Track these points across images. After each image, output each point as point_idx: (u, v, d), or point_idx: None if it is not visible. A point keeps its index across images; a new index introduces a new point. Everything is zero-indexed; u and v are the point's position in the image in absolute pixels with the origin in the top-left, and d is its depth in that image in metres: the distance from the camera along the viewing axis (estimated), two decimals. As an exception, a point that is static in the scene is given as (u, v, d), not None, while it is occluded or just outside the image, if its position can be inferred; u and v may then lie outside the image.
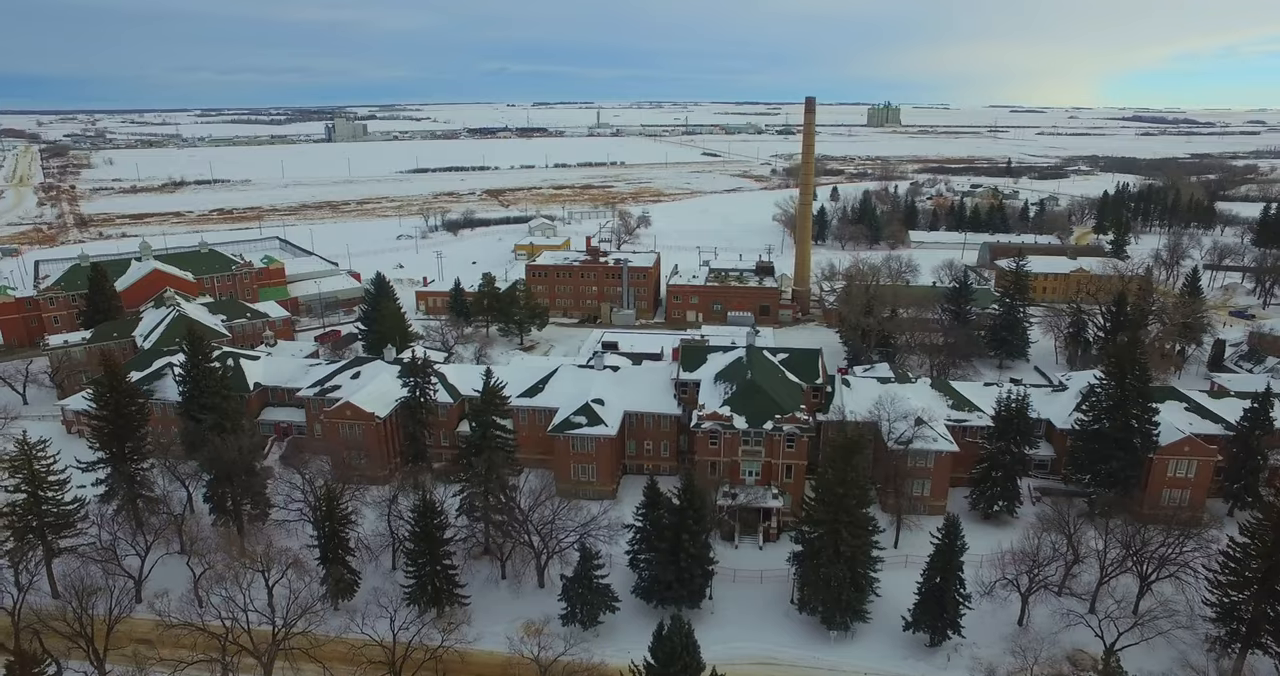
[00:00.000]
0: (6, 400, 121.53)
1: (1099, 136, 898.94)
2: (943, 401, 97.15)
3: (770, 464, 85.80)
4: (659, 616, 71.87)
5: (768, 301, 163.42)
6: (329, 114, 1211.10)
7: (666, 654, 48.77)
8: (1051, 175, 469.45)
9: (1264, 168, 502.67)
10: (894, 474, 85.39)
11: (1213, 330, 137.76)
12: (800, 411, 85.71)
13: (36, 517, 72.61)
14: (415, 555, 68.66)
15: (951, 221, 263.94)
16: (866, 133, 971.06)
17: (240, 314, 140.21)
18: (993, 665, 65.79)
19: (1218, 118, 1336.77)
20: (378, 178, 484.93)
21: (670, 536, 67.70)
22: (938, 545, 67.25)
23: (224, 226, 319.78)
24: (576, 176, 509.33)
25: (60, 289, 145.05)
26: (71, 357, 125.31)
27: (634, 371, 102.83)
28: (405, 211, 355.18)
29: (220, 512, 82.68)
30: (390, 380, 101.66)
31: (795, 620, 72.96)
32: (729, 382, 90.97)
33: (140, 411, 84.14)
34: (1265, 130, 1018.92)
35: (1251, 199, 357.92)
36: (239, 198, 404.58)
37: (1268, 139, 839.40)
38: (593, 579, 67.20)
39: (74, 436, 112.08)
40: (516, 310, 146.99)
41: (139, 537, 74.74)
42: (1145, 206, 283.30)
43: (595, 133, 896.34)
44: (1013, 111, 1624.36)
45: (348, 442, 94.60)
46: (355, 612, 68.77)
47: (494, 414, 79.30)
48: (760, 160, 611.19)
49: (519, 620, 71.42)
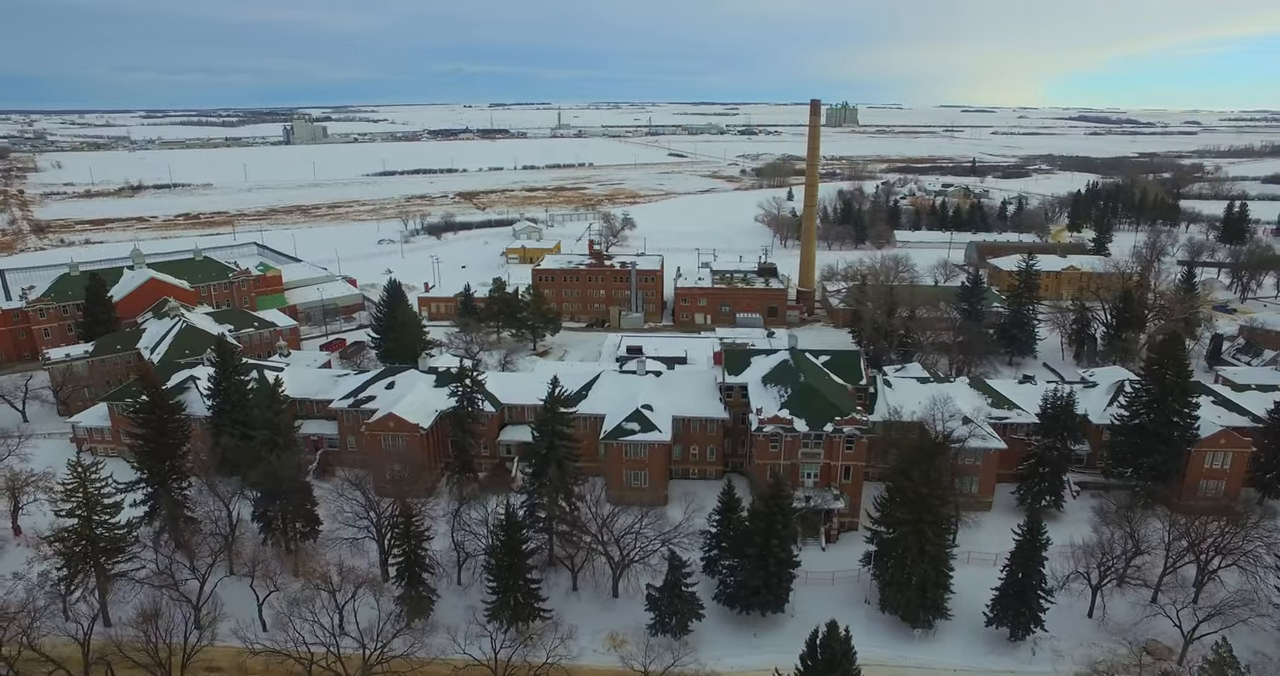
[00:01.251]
0: (5, 418, 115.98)
1: (1050, 136, 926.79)
2: (982, 400, 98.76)
3: (829, 465, 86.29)
4: (743, 622, 72.21)
5: (775, 302, 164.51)
6: (282, 115, 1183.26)
7: (826, 660, 48.53)
8: (1014, 174, 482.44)
9: (1209, 167, 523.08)
10: (945, 472, 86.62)
11: (1209, 325, 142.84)
12: (858, 412, 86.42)
13: (90, 543, 69.19)
14: (498, 570, 67.22)
15: (933, 221, 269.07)
16: (827, 132, 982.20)
17: (247, 323, 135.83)
18: (1076, 657, 67.29)
19: (1156, 118, 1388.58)
20: (344, 181, 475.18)
21: (760, 541, 67.54)
22: (1019, 540, 68.45)
23: (193, 232, 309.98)
24: (547, 178, 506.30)
25: (50, 300, 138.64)
26: (74, 372, 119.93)
27: (677, 376, 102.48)
28: (379, 215, 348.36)
29: (270, 531, 79.87)
30: (427, 389, 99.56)
31: (874, 620, 73.46)
32: (781, 386, 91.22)
33: (182, 429, 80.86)
34: (1201, 130, 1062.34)
35: (1205, 197, 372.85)
36: (202, 202, 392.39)
37: (1205, 139, 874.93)
38: (682, 587, 66.66)
39: (85, 454, 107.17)
40: (530, 315, 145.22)
41: (197, 560, 71.82)
42: (1114, 205, 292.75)
43: (558, 134, 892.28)
44: (964, 111, 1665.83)
45: (390, 455, 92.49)
46: (432, 632, 67.35)
47: (559, 422, 78.10)
48: (728, 161, 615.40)
49: (600, 632, 70.61)
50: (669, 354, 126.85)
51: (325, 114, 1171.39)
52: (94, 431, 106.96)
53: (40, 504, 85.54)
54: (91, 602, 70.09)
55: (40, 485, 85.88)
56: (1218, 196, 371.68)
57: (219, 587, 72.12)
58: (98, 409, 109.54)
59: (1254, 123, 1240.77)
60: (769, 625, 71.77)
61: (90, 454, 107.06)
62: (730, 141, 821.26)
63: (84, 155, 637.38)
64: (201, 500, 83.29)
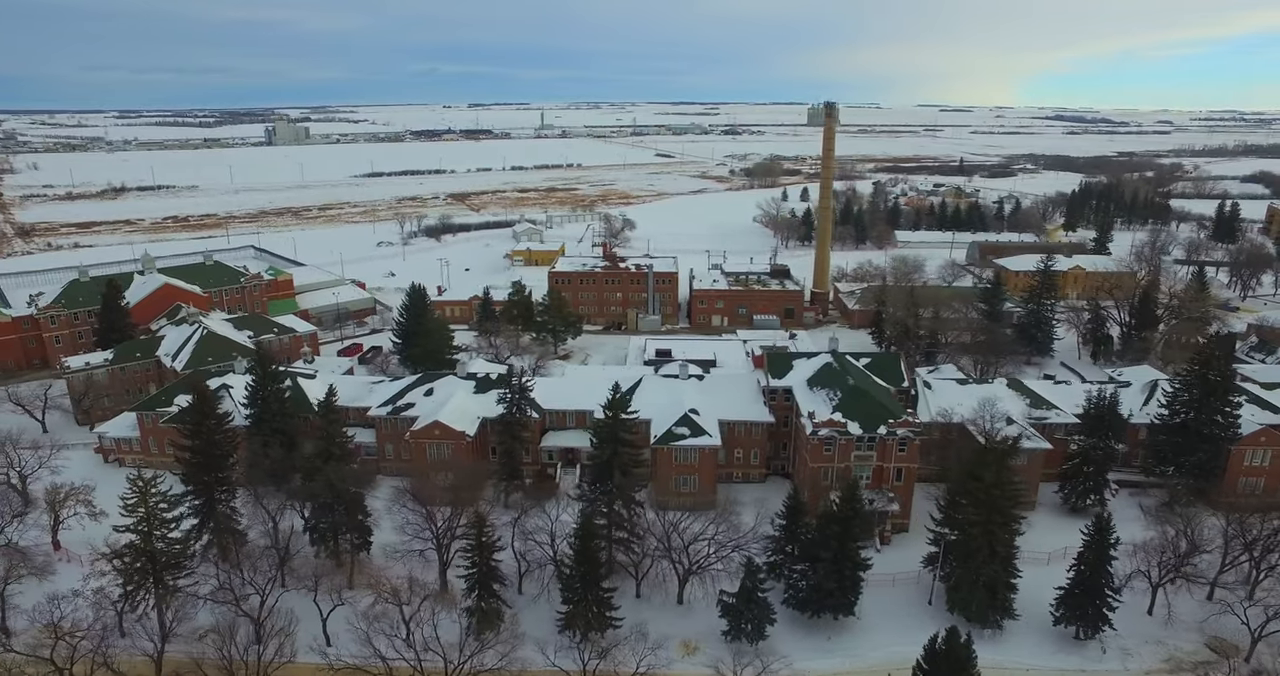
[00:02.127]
0: (24, 428, 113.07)
1: (1029, 135, 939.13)
2: (1021, 401, 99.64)
3: (881, 468, 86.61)
4: (813, 626, 72.25)
5: (792, 304, 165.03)
6: (259, 116, 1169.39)
7: (951, 665, 48.54)
8: (1000, 174, 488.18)
9: (1188, 166, 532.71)
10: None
11: (1222, 323, 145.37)
12: (910, 415, 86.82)
13: (150, 559, 67.57)
14: (572, 580, 66.62)
15: (931, 221, 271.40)
16: (810, 132, 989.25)
17: (266, 329, 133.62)
18: (1144, 655, 68.07)
19: (1129, 117, 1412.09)
20: (331, 182, 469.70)
21: (835, 545, 67.57)
22: (1088, 540, 69.12)
23: (184, 235, 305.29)
24: (537, 179, 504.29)
25: (61, 306, 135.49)
26: (94, 381, 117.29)
27: (719, 379, 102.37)
28: (372, 217, 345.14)
29: (325, 544, 78.51)
30: (467, 396, 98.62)
31: (939, 621, 73.30)
32: (830, 389, 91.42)
33: (230, 440, 79.33)
34: (1174, 130, 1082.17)
35: (1188, 196, 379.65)
36: (189, 204, 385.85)
37: (1178, 138, 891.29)
38: (759, 593, 66.51)
39: (111, 466, 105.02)
40: (551, 318, 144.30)
41: (256, 574, 70.33)
42: (1106, 204, 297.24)
43: (542, 134, 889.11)
44: (942, 111, 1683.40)
45: (435, 463, 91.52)
46: (507, 644, 66.48)
47: (622, 429, 77.59)
48: (715, 161, 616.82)
49: (671, 639, 70.03)
50: (698, 357, 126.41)
51: (304, 114, 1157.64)
52: (121, 441, 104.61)
53: (80, 518, 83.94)
54: (150, 619, 68.62)
55: (80, 498, 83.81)
56: (1200, 195, 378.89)
57: (277, 602, 70.76)
58: (124, 418, 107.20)
59: (1224, 123, 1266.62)
60: (839, 628, 71.88)
61: (118, 464, 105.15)
62: (715, 141, 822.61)
63: (60, 156, 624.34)
64: (247, 512, 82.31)
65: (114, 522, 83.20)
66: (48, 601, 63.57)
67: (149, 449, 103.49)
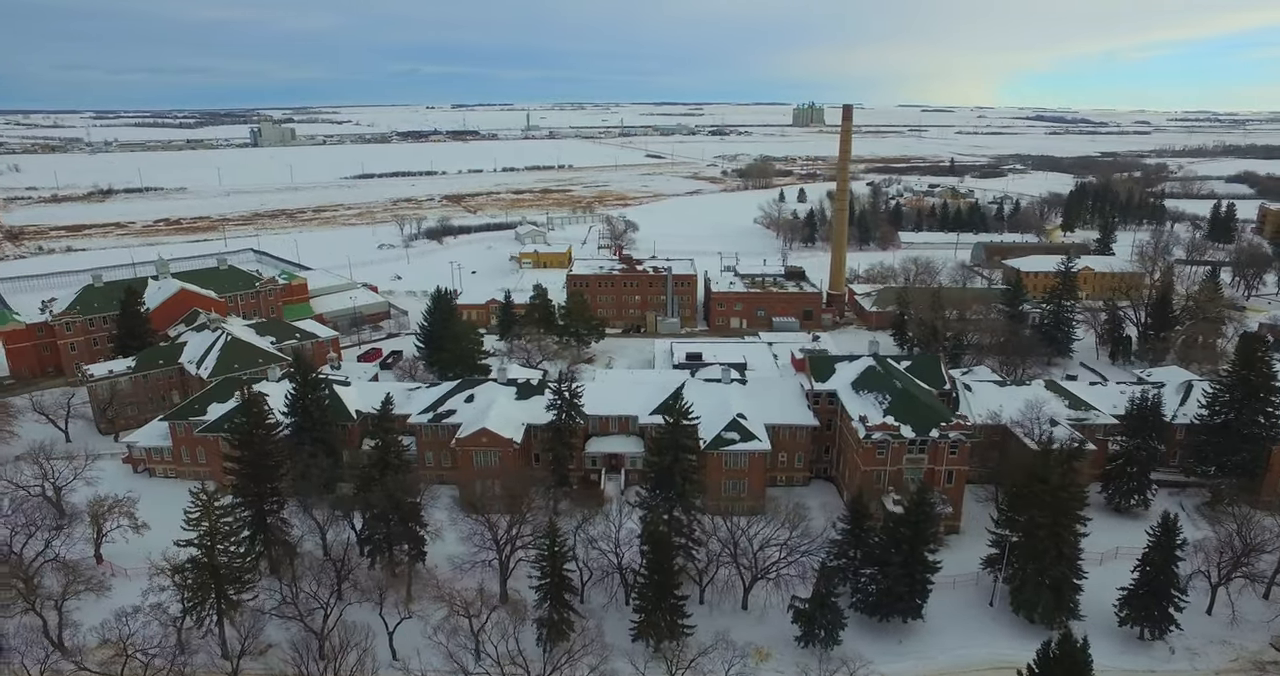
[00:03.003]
0: (49, 437, 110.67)
1: (1012, 136, 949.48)
2: (1060, 402, 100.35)
3: (933, 470, 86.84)
4: (882, 630, 72.22)
5: (810, 306, 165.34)
6: (240, 117, 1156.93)
7: (1069, 669, 48.53)
8: (991, 174, 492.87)
9: (1171, 166, 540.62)
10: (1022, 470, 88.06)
11: (1239, 323, 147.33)
12: (961, 418, 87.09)
13: (213, 574, 66.15)
14: (645, 588, 66.09)
15: (933, 222, 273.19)
16: (796, 133, 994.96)
17: (289, 335, 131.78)
18: (1210, 655, 68.68)
19: (1107, 118, 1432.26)
20: (322, 184, 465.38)
21: (906, 548, 67.59)
22: (1154, 540, 69.49)
23: (178, 238, 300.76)
24: (530, 180, 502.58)
25: (76, 312, 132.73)
26: (117, 389, 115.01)
27: (763, 383, 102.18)
28: (368, 219, 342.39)
29: (380, 555, 77.29)
30: (509, 402, 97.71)
31: (1002, 622, 74.05)
32: (877, 392, 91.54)
33: (282, 450, 77.99)
34: (1153, 130, 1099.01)
35: (1176, 196, 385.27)
36: (180, 207, 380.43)
37: (1158, 138, 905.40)
38: (832, 598, 66.37)
39: (141, 476, 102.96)
40: (573, 322, 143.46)
41: (320, 587, 69.16)
42: (1102, 205, 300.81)
43: (530, 135, 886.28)
44: (924, 111, 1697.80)
45: (481, 471, 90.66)
46: (594, 655, 65.65)
47: (684, 436, 77.15)
48: (706, 161, 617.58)
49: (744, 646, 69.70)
50: (728, 360, 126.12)
51: (286, 115, 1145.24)
52: (152, 451, 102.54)
53: (123, 531, 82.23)
54: (212, 635, 67.36)
55: (123, 510, 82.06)
56: (1188, 195, 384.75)
57: (341, 616, 69.58)
58: (154, 428, 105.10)
59: (1199, 123, 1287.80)
60: (907, 632, 71.88)
61: (148, 474, 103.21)
62: (703, 142, 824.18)
63: (41, 158, 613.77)
64: (297, 523, 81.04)
65: (157, 535, 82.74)
66: (115, 618, 62.06)
67: (181, 458, 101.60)
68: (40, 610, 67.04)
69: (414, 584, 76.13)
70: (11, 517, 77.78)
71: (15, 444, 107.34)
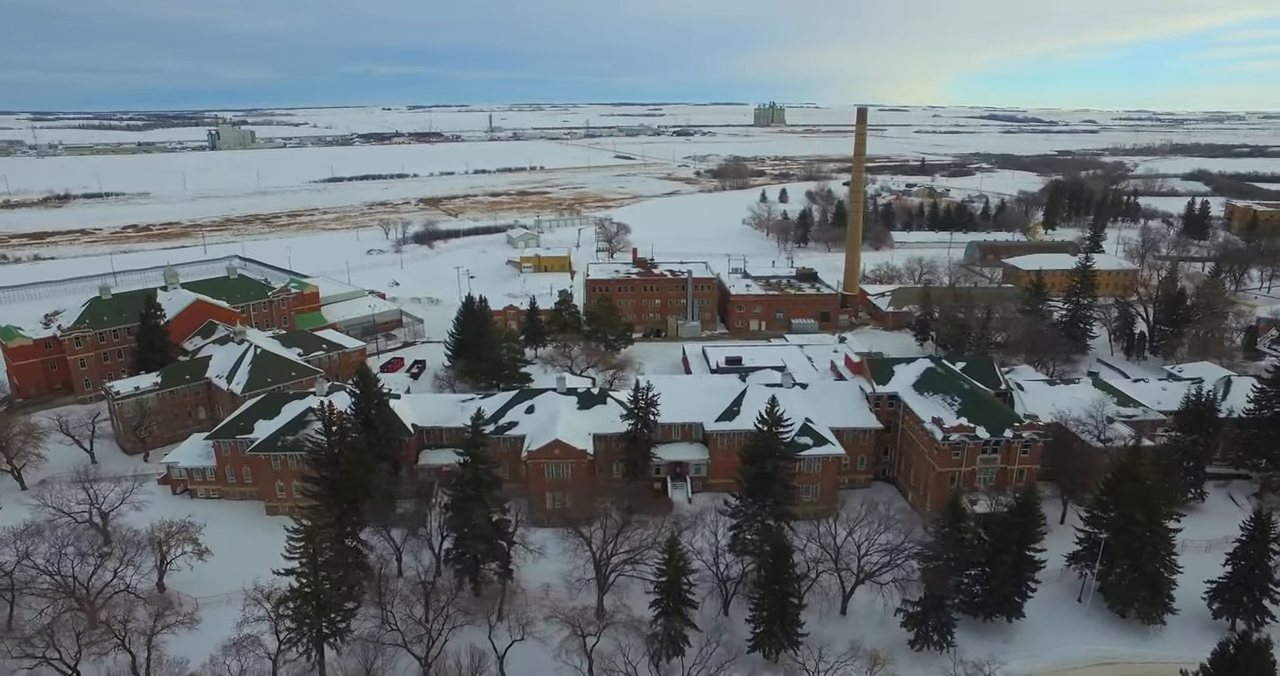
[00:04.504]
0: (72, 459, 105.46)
1: (969, 134, 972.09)
2: (1110, 399, 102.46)
3: (1005, 469, 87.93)
4: (985, 630, 72.74)
5: (828, 307, 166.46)
6: (190, 119, 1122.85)
7: (1255, 671, 49.16)
8: (960, 173, 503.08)
9: (1129, 164, 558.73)
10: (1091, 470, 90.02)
11: (1242, 317, 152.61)
12: (1033, 417, 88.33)
13: (316, 603, 63.46)
14: (763, 599, 65.46)
15: (923, 222, 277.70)
16: (760, 133, 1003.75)
17: (315, 346, 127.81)
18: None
19: (1054, 117, 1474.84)
20: (291, 188, 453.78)
21: (1015, 549, 68.16)
22: (1248, 535, 71.23)
23: (151, 245, 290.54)
24: (504, 182, 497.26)
25: (86, 327, 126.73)
26: (143, 406, 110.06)
27: (822, 387, 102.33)
28: (347, 224, 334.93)
29: (469, 576, 75.03)
30: (572, 412, 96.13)
31: (1094, 618, 75.25)
32: (944, 394, 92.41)
33: (370, 469, 75.36)
34: (1100, 129, 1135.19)
35: (1140, 193, 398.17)
36: (145, 212, 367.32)
37: (1106, 137, 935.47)
38: (945, 601, 66.59)
39: (180, 497, 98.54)
40: (601, 327, 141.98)
41: (429, 610, 66.83)
42: (1079, 203, 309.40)
43: (495, 137, 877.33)
44: (880, 110, 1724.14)
45: (554, 483, 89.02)
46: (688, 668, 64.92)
47: (777, 444, 76.69)
48: (677, 162, 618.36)
49: (845, 652, 69.35)
50: (766, 363, 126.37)
51: (238, 117, 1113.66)
52: (194, 471, 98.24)
53: (187, 558, 78.61)
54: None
55: (186, 536, 78.43)
56: (1150, 193, 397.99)
57: (446, 640, 67.43)
58: (193, 446, 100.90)
59: (1142, 122, 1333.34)
60: (1012, 631, 72.49)
61: (189, 496, 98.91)
62: (670, 143, 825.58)
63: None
64: (375, 544, 78.55)
65: (225, 562, 79.35)
66: (223, 651, 59.19)
67: (225, 478, 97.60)
68: (130, 646, 63.56)
69: (507, 602, 74.33)
70: (77, 545, 73.78)
71: (44, 468, 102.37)
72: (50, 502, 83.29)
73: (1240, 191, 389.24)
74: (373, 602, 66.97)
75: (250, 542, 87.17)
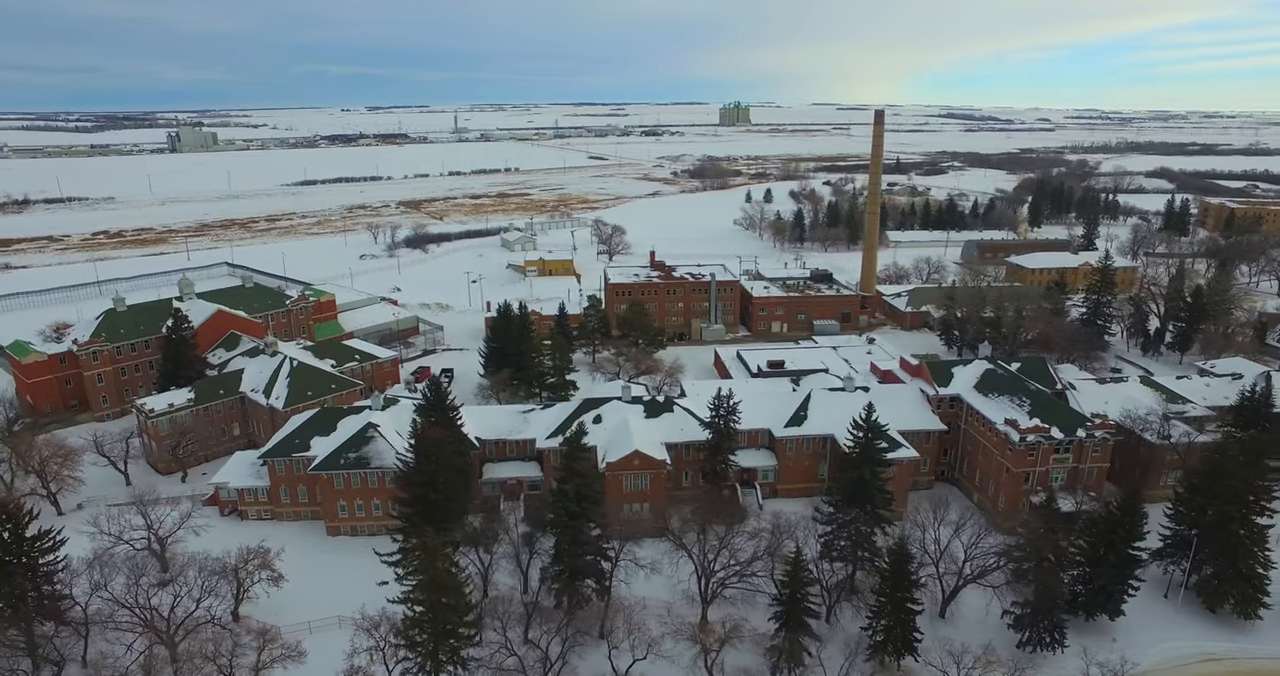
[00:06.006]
0: (105, 482, 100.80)
1: (931, 133, 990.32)
2: (1158, 397, 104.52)
3: (1076, 469, 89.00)
4: (1087, 629, 73.32)
5: (848, 308, 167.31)
6: (142, 120, 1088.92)
7: None
8: (933, 171, 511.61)
9: (1092, 162, 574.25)
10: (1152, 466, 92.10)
11: (1249, 313, 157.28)
12: (1102, 417, 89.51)
13: (435, 630, 61.11)
14: (883, 606, 65.05)
15: (914, 220, 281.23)
16: (727, 132, 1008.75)
17: (348, 357, 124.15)
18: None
19: (1010, 115, 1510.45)
20: (264, 191, 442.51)
21: (1121, 548, 68.83)
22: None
23: (128, 252, 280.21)
24: (481, 184, 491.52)
25: (103, 341, 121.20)
26: (178, 423, 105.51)
27: (884, 391, 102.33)
28: (329, 228, 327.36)
29: (569, 594, 73.12)
30: (641, 421, 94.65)
31: (1186, 614, 76.54)
32: (1011, 395, 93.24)
33: (466, 487, 73.06)
34: (1055, 127, 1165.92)
35: (1108, 191, 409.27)
36: (114, 217, 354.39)
37: (1062, 136, 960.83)
38: (1058, 601, 66.97)
39: (229, 519, 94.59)
40: (634, 332, 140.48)
41: (544, 634, 65.01)
42: (1058, 201, 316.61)
43: (464, 138, 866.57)
44: (839, 109, 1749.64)
45: (631, 494, 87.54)
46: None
47: (876, 450, 76.39)
48: (651, 163, 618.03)
49: (960, 656, 69.30)
50: (806, 366, 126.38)
51: (194, 119, 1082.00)
52: (245, 492, 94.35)
53: (264, 585, 75.39)
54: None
55: (263, 562, 75.20)
56: (1119, 190, 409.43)
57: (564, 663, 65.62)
58: (240, 466, 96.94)
59: (1093, 121, 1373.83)
60: (1114, 629, 73.15)
61: (238, 518, 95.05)
62: (640, 143, 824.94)
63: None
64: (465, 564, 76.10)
65: (295, 587, 76.28)
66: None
67: (279, 499, 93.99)
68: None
69: (608, 617, 72.72)
70: (150, 575, 70.28)
71: (81, 491, 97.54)
72: (108, 530, 79.14)
73: (1203, 189, 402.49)
74: (490, 627, 64.68)
75: (316, 565, 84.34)
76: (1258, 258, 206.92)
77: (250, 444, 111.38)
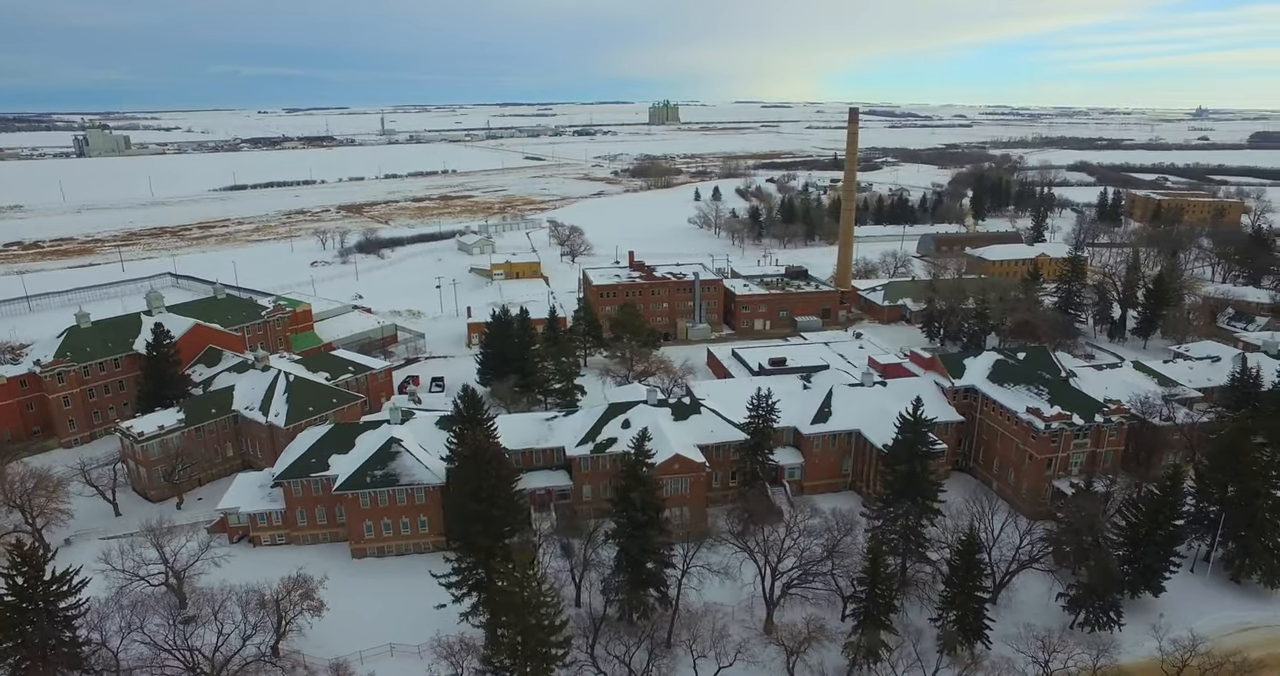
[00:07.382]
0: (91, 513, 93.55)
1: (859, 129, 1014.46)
2: (1151, 381, 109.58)
3: (1094, 453, 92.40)
4: (1133, 606, 75.77)
5: (828, 304, 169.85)
6: (37, 121, 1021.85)
7: None
8: (868, 167, 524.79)
9: (1014, 157, 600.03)
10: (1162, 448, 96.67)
11: (1199, 296, 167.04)
12: (1116, 402, 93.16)
13: (527, 652, 58.58)
14: (954, 597, 65.95)
15: (866, 216, 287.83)
16: (660, 131, 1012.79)
17: (341, 368, 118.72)
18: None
19: (927, 112, 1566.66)
20: (191, 197, 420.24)
21: (1166, 525, 71.70)
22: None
23: (52, 264, 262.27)
24: (420, 187, 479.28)
25: (68, 360, 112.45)
26: (169, 446, 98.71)
27: (899, 384, 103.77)
28: (269, 234, 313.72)
29: (634, 604, 71.56)
30: (671, 424, 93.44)
31: (1216, 587, 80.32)
32: (1026, 384, 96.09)
33: (524, 501, 70.57)
34: (972, 123, 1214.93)
35: (1035, 183, 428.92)
36: (26, 227, 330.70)
37: (979, 131, 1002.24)
38: (1114, 581, 69.26)
39: (240, 545, 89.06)
40: (626, 333, 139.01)
41: (629, 649, 63.16)
42: (996, 195, 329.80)
43: (393, 140, 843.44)
44: (762, 107, 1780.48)
45: (671, 499, 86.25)
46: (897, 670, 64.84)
47: (922, 444, 77.35)
48: (590, 163, 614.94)
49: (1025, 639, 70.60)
50: (807, 363, 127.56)
51: (97, 121, 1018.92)
52: (258, 516, 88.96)
53: (306, 617, 71.07)
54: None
55: (305, 592, 70.91)
56: (1045, 183, 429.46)
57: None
58: (247, 488, 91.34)
59: (1005, 117, 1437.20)
60: (1159, 605, 75.95)
61: (250, 545, 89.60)
62: (575, 143, 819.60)
63: None
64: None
65: (331, 616, 72.20)
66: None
67: (296, 522, 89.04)
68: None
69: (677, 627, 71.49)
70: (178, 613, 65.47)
71: (70, 524, 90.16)
72: (121, 566, 73.34)
73: (1121, 181, 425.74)
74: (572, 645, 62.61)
75: (349, 591, 79.86)
76: (1189, 246, 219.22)
77: (245, 465, 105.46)
